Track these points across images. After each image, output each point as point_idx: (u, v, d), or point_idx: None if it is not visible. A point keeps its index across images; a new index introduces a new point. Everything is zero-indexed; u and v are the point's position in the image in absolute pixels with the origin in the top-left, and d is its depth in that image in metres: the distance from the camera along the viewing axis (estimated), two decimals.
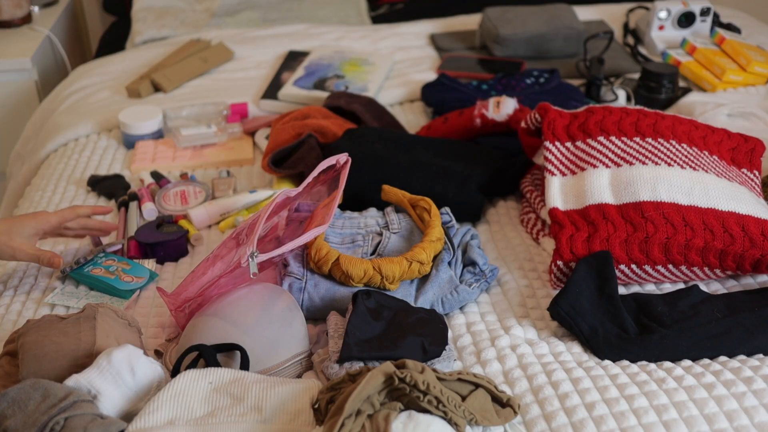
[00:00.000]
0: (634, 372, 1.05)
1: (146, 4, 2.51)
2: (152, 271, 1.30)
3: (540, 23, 2.09)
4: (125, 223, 1.46)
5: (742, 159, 1.39)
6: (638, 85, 1.84)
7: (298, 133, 1.57)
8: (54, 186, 1.64)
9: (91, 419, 0.90)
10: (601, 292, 1.16)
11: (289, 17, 2.44)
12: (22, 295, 1.29)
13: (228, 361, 1.05)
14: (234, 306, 1.09)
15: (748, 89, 1.90)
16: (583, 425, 0.97)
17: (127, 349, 0.99)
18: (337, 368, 1.03)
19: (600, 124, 1.36)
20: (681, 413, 0.98)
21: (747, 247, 1.20)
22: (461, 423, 0.93)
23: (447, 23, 2.35)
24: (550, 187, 1.34)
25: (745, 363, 1.07)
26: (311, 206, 1.30)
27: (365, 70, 2.00)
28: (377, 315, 1.11)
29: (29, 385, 0.92)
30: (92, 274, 1.26)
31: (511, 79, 1.86)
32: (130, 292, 1.24)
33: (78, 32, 2.95)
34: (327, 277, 1.21)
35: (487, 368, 1.08)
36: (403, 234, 1.30)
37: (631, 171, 1.30)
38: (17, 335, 1.06)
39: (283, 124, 1.64)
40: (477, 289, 1.22)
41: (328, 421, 0.89)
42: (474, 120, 1.60)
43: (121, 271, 1.27)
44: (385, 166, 1.44)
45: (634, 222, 1.24)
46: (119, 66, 2.15)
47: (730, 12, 2.36)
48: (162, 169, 1.65)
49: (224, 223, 1.46)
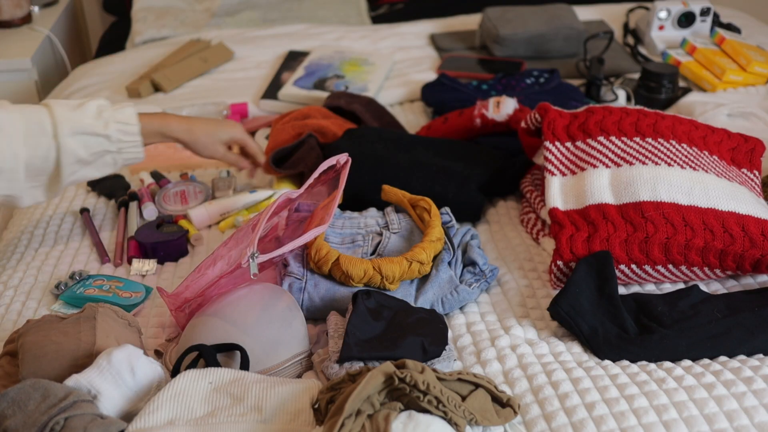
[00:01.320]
0: (634, 372, 1.05)
1: (146, 4, 2.51)
2: (147, 287, 1.29)
3: (540, 23, 2.09)
4: (125, 223, 1.46)
5: (742, 159, 1.39)
6: (638, 85, 1.84)
7: (299, 132, 1.57)
8: None
9: (91, 419, 0.90)
10: (601, 292, 1.16)
11: (289, 17, 2.44)
12: (22, 295, 1.29)
13: (228, 361, 1.05)
14: (234, 306, 1.09)
15: (748, 89, 1.90)
16: (583, 425, 0.97)
17: (127, 349, 0.99)
18: (337, 368, 1.03)
19: (600, 124, 1.36)
20: (681, 413, 0.98)
21: (747, 247, 1.20)
22: (461, 423, 0.93)
23: (447, 23, 2.35)
24: (550, 187, 1.34)
25: (745, 363, 1.07)
26: (311, 206, 1.30)
27: (365, 70, 2.00)
28: (377, 315, 1.11)
29: (29, 385, 0.92)
30: (87, 294, 1.25)
31: (511, 79, 1.86)
32: (133, 306, 1.24)
33: (78, 32, 2.95)
34: (327, 277, 1.21)
35: (487, 368, 1.08)
36: (403, 234, 1.30)
37: (631, 171, 1.30)
38: (17, 335, 1.06)
39: (283, 124, 1.64)
40: (477, 289, 1.22)
41: (328, 421, 0.89)
42: (474, 120, 1.60)
43: (116, 289, 1.26)
44: (385, 166, 1.44)
45: (634, 222, 1.24)
46: (119, 66, 2.15)
47: (730, 12, 2.36)
48: (162, 169, 1.65)
49: (224, 223, 1.46)
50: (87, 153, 1.27)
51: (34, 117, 1.24)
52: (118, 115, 1.30)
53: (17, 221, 1.56)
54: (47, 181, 1.28)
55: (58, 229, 1.48)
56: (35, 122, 1.24)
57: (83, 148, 1.27)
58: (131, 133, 1.31)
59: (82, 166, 1.29)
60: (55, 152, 1.25)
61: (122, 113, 1.31)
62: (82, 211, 1.51)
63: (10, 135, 1.21)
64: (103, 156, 1.30)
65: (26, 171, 1.24)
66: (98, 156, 1.29)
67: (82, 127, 1.26)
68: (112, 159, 1.31)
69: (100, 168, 1.31)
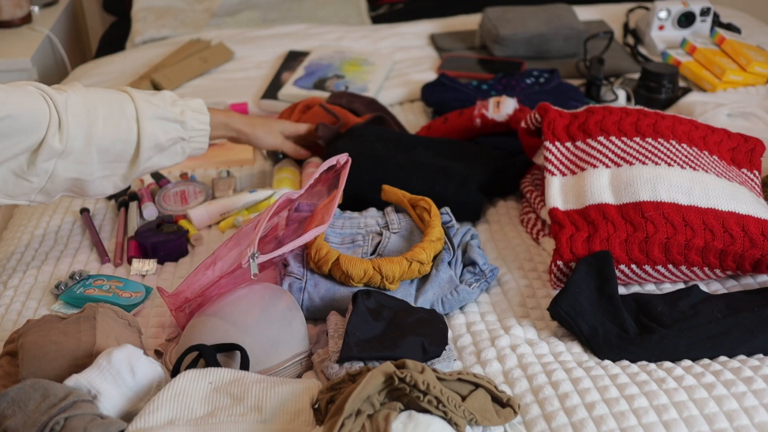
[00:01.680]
0: (634, 372, 1.05)
1: (146, 4, 2.51)
2: (147, 287, 1.29)
3: (540, 23, 2.09)
4: (125, 223, 1.46)
5: (742, 159, 1.39)
6: (638, 85, 1.84)
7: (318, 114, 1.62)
8: None
9: (91, 419, 0.90)
10: (601, 292, 1.16)
11: (289, 17, 2.44)
12: (22, 295, 1.29)
13: (228, 361, 1.05)
14: (234, 306, 1.09)
15: (748, 89, 1.90)
16: (583, 425, 0.97)
17: (127, 349, 0.99)
18: (337, 368, 1.03)
19: (600, 124, 1.36)
20: (681, 413, 0.98)
21: (747, 247, 1.20)
22: (461, 423, 0.93)
23: (447, 23, 2.35)
24: (550, 187, 1.34)
25: (745, 363, 1.07)
26: (311, 206, 1.30)
27: (365, 70, 2.00)
28: (377, 315, 1.11)
29: (29, 385, 0.92)
30: (87, 294, 1.25)
31: (511, 79, 1.86)
32: (132, 306, 1.24)
33: (78, 32, 2.95)
34: (327, 277, 1.21)
35: (487, 368, 1.08)
36: (403, 234, 1.30)
37: (631, 171, 1.30)
38: (17, 335, 1.06)
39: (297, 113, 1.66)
40: (477, 289, 1.22)
41: (328, 421, 0.89)
42: (474, 120, 1.60)
43: (116, 289, 1.26)
44: (385, 166, 1.44)
45: (634, 222, 1.24)
46: (119, 66, 2.15)
47: (730, 12, 2.36)
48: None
49: (224, 223, 1.46)
50: (165, 138, 1.29)
51: (116, 100, 1.26)
52: (191, 104, 1.34)
53: (17, 221, 1.56)
54: (124, 170, 1.28)
55: (58, 229, 1.48)
56: (117, 106, 1.25)
57: (162, 133, 1.28)
58: (203, 122, 1.35)
59: (157, 152, 1.30)
60: (136, 136, 1.26)
61: (194, 103, 1.35)
62: (82, 211, 1.51)
63: (78, 116, 1.20)
64: (176, 143, 1.32)
65: (102, 155, 1.23)
66: (173, 143, 1.31)
67: (163, 112, 1.28)
68: (182, 148, 1.33)
69: (170, 156, 1.33)
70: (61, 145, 1.18)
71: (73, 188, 1.26)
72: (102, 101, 1.24)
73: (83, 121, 1.20)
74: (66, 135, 1.18)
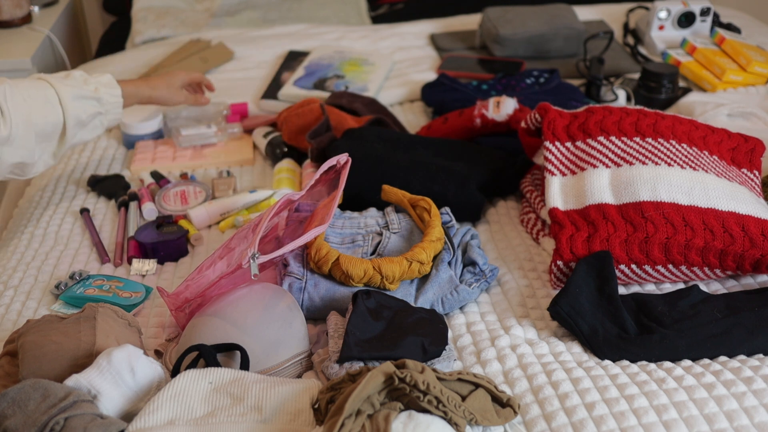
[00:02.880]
0: (634, 372, 1.05)
1: (146, 4, 2.51)
2: (147, 287, 1.29)
3: (540, 23, 2.09)
4: (125, 223, 1.46)
5: (742, 159, 1.39)
6: (638, 85, 1.84)
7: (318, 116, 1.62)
8: (54, 186, 1.64)
9: (91, 419, 0.90)
10: (601, 292, 1.16)
11: (289, 17, 2.44)
12: (22, 295, 1.29)
13: (228, 361, 1.05)
14: (234, 306, 1.09)
15: (748, 89, 1.90)
16: (583, 425, 0.97)
17: (127, 349, 0.99)
18: (337, 368, 1.03)
19: (600, 124, 1.36)
20: (681, 413, 0.98)
21: (747, 247, 1.20)
22: (461, 423, 0.93)
23: (447, 23, 2.35)
24: (550, 187, 1.34)
25: (745, 363, 1.07)
26: (311, 206, 1.30)
27: (365, 70, 2.00)
28: (377, 315, 1.11)
29: (29, 385, 0.92)
30: (87, 294, 1.25)
31: (511, 79, 1.86)
32: (132, 306, 1.24)
33: (78, 32, 2.94)
34: (327, 277, 1.21)
35: (487, 368, 1.08)
36: (403, 234, 1.30)
37: (631, 171, 1.30)
38: (17, 335, 1.06)
39: (292, 111, 1.66)
40: (477, 289, 1.22)
41: (328, 421, 0.89)
42: (474, 120, 1.60)
43: (116, 289, 1.26)
44: (385, 166, 1.44)
45: (634, 222, 1.24)
46: (119, 66, 2.15)
47: (730, 12, 2.37)
48: (162, 169, 1.65)
49: (224, 223, 1.46)
50: (85, 115, 1.41)
51: (38, 87, 1.37)
52: (101, 80, 1.46)
53: (17, 221, 1.56)
54: (53, 148, 1.41)
55: (58, 229, 1.48)
56: (41, 92, 1.36)
57: (82, 111, 1.40)
58: (116, 95, 1.47)
59: (80, 128, 1.42)
60: (62, 116, 1.38)
61: (104, 78, 1.47)
62: (82, 211, 1.51)
63: (17, 104, 1.31)
64: (95, 118, 1.44)
65: (38, 138, 1.36)
66: (92, 117, 1.43)
67: (80, 91, 1.40)
68: (100, 121, 1.46)
69: (91, 130, 1.45)
70: (6, 131, 1.29)
71: (15, 171, 1.38)
72: (29, 89, 1.35)
73: (22, 109, 1.32)
74: (9, 122, 1.30)
